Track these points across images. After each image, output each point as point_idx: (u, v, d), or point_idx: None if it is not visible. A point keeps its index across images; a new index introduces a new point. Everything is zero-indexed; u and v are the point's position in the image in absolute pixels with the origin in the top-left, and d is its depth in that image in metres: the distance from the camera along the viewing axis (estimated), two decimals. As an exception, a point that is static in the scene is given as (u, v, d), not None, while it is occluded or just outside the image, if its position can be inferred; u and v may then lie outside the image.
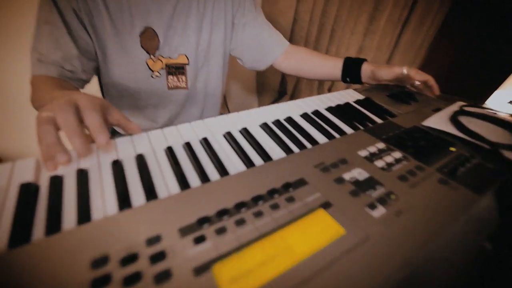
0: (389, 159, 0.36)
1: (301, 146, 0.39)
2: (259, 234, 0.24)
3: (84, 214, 0.26)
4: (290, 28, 1.33)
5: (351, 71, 0.68)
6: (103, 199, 0.28)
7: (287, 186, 0.30)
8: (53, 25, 0.52)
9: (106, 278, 0.19)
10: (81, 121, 0.32)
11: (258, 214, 0.26)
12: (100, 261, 0.20)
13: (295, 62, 0.76)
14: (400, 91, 0.61)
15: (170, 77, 0.70)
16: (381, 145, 0.39)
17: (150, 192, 0.29)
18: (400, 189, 0.31)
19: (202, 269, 0.21)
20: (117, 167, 0.31)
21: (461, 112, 0.50)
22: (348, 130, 0.45)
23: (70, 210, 0.26)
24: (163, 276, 0.20)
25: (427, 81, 0.60)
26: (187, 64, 0.70)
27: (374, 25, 1.66)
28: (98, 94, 0.72)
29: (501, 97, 1.60)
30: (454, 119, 0.48)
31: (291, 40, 1.40)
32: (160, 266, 0.20)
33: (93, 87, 0.67)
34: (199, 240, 0.23)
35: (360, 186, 0.31)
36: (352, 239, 0.24)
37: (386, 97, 0.59)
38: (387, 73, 0.62)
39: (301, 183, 0.30)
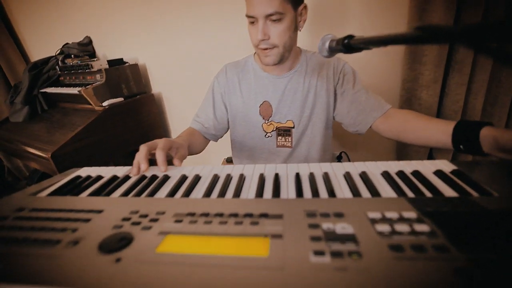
0: (402, 228, 0.30)
1: (316, 195, 0.41)
2: (210, 232, 0.32)
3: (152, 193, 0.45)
4: (436, 102, 1.18)
5: (466, 138, 0.54)
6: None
7: (262, 215, 0.35)
8: (207, 100, 0.90)
9: (128, 219, 0.35)
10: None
11: (222, 223, 0.33)
12: (135, 212, 0.37)
13: (395, 123, 0.71)
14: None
15: (279, 137, 0.88)
16: (410, 215, 0.32)
17: (188, 192, 0.44)
18: (376, 255, 0.26)
19: (163, 233, 0.32)
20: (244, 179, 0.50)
21: None
22: (386, 193, 0.40)
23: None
24: (147, 227, 0.33)
25: None
26: (293, 127, 0.86)
27: None
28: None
29: None
30: None
31: (440, 111, 1.21)
32: (152, 224, 0.34)
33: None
34: (178, 221, 0.34)
35: (329, 237, 0.29)
36: (269, 262, 0.26)
37: (506, 176, 0.43)
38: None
39: (278, 216, 0.34)
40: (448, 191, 0.39)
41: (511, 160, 0.47)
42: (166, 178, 0.52)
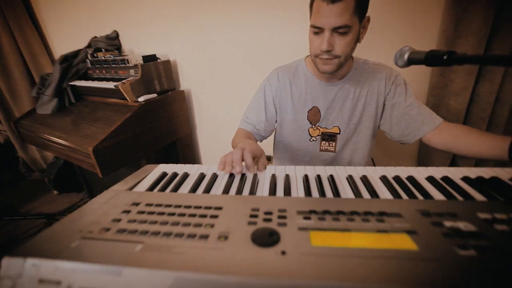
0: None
1: (413, 196, 0.45)
2: (345, 228, 0.35)
3: (252, 189, 0.48)
4: (464, 109, 1.24)
5: None
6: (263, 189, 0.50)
7: (382, 214, 0.38)
8: (258, 103, 0.92)
9: (256, 216, 0.39)
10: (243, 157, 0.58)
11: (350, 220, 0.37)
12: (256, 209, 0.40)
13: (447, 137, 0.76)
14: None
15: (323, 142, 0.92)
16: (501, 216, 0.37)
17: (286, 191, 0.48)
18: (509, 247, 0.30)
19: (303, 229, 0.35)
20: (273, 179, 0.54)
21: None
22: (480, 197, 0.44)
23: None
24: (282, 224, 0.36)
25: None
26: (338, 133, 0.90)
27: None
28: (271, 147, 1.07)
29: None
30: None
31: (467, 120, 1.27)
32: (284, 221, 0.37)
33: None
34: (306, 218, 0.38)
35: (459, 234, 0.33)
36: (422, 254, 0.30)
37: None
38: None
39: (396, 215, 0.38)
40: (534, 196, 0.44)
41: None
42: (255, 176, 0.55)
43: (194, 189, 0.51)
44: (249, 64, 1.47)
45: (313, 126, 0.91)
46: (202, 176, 0.56)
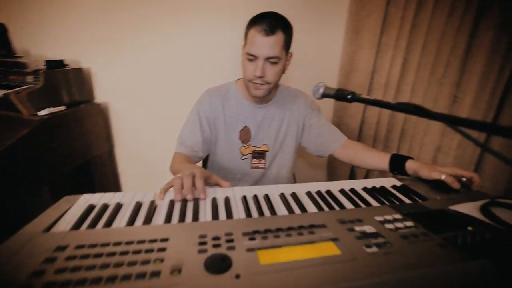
0: (399, 225, 0.47)
1: (331, 208, 0.55)
2: (286, 243, 0.41)
3: (195, 215, 0.49)
4: (358, 128, 1.56)
5: (397, 167, 0.81)
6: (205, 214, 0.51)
7: (312, 226, 0.46)
8: (193, 125, 0.93)
9: (205, 243, 0.40)
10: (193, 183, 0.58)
11: (288, 235, 0.43)
12: (203, 236, 0.42)
13: (350, 153, 0.95)
14: (443, 182, 0.69)
15: (254, 159, 1.00)
16: (398, 216, 0.51)
17: (229, 214, 0.51)
18: (398, 242, 0.42)
19: (251, 250, 0.39)
20: (213, 203, 0.56)
21: (492, 202, 0.55)
22: (374, 203, 0.58)
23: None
24: (231, 247, 0.39)
25: (471, 178, 0.67)
26: (267, 151, 0.99)
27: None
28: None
29: None
30: (484, 207, 0.54)
31: (360, 138, 1.61)
32: (232, 244, 0.40)
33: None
34: (251, 239, 0.42)
35: (365, 235, 0.44)
36: (344, 256, 0.38)
37: (428, 186, 0.69)
38: (426, 175, 0.70)
39: (322, 226, 0.46)
40: (405, 199, 0.61)
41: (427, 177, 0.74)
42: (196, 201, 0.56)
43: (131, 221, 0.48)
44: (178, 75, 1.44)
45: (245, 145, 0.98)
46: (138, 206, 0.53)
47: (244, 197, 0.58)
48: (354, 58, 1.44)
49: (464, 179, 0.69)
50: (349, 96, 0.59)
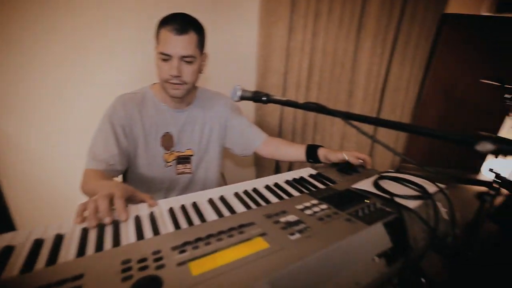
0: (316, 209, 0.54)
1: (258, 204, 0.59)
2: (217, 248, 0.41)
3: (116, 239, 0.45)
4: (278, 125, 1.69)
5: (312, 155, 0.92)
6: (127, 236, 0.47)
7: (241, 226, 0.48)
8: (106, 135, 0.82)
9: (129, 268, 0.37)
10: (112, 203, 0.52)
11: (219, 240, 0.44)
12: (127, 261, 0.38)
13: (271, 149, 1.02)
14: (346, 166, 0.82)
15: (179, 165, 0.96)
16: (315, 201, 0.58)
17: (155, 231, 0.48)
18: (316, 225, 0.48)
19: (182, 263, 0.38)
20: (137, 222, 0.51)
21: (380, 177, 0.69)
22: (295, 193, 0.65)
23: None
24: (160, 266, 0.37)
25: (363, 159, 0.82)
26: (192, 155, 0.97)
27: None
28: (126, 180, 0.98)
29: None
30: (375, 182, 0.67)
31: (280, 133, 1.74)
32: (161, 262, 0.38)
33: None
34: (182, 251, 0.41)
35: (289, 224, 0.48)
36: (272, 248, 0.41)
37: (336, 171, 0.80)
38: (334, 158, 0.85)
39: (251, 224, 0.49)
40: (320, 185, 0.70)
41: (336, 162, 0.86)
42: (116, 225, 0.50)
43: (29, 266, 0.39)
44: (78, 82, 1.24)
45: (168, 152, 0.93)
46: (38, 244, 0.44)
47: (171, 209, 0.55)
48: (267, 60, 1.55)
49: (360, 161, 0.84)
50: (264, 98, 0.63)
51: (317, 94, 1.80)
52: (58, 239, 0.45)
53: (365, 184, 0.67)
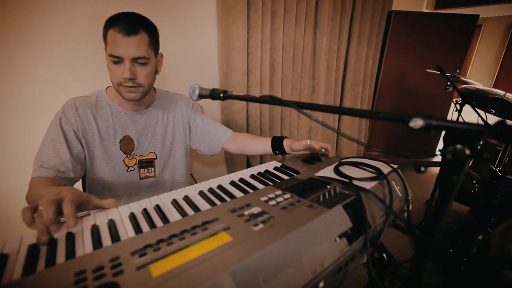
0: (280, 199, 0.55)
1: (223, 200, 0.58)
2: (180, 247, 0.40)
3: (70, 251, 0.42)
4: (245, 122, 1.70)
5: (277, 147, 0.94)
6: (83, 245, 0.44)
7: (205, 223, 0.47)
8: (56, 141, 0.76)
9: (83, 279, 0.35)
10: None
11: (182, 239, 0.43)
12: (81, 272, 0.36)
13: (238, 144, 1.03)
14: (310, 156, 0.86)
15: (142, 169, 0.92)
16: (278, 192, 0.59)
17: (114, 238, 0.46)
18: (279, 214, 0.49)
19: (142, 267, 0.36)
20: (95, 231, 0.48)
21: (340, 163, 0.73)
22: (260, 186, 0.65)
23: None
24: (118, 272, 0.35)
25: (325, 148, 0.86)
26: (155, 158, 0.94)
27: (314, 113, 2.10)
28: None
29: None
30: (335, 168, 0.70)
31: (248, 130, 1.75)
32: (120, 268, 0.36)
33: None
34: (142, 255, 0.39)
35: (253, 216, 0.49)
36: (235, 241, 0.41)
37: (301, 162, 0.83)
38: (298, 145, 0.88)
39: (215, 220, 0.48)
40: (284, 176, 0.72)
41: (300, 154, 0.90)
42: (71, 236, 0.47)
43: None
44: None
45: (128, 156, 0.89)
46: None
47: (132, 214, 0.53)
48: (229, 59, 1.55)
49: (323, 150, 0.87)
50: (221, 95, 0.63)
51: (281, 90, 1.84)
52: (2, 260, 0.41)
53: (327, 172, 0.70)
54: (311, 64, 1.94)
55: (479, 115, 1.45)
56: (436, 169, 2.03)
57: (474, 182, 1.82)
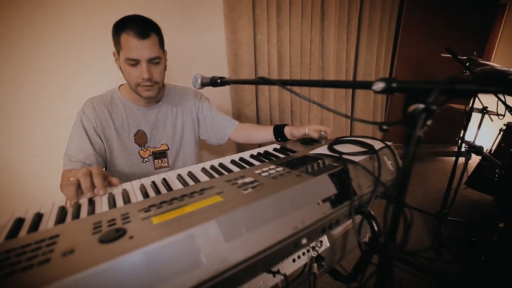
0: (272, 171, 0.61)
1: (221, 174, 0.65)
2: (178, 206, 0.48)
3: (91, 210, 0.50)
4: (255, 115, 1.76)
5: (279, 134, 0.99)
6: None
7: (202, 190, 0.54)
8: (80, 137, 0.87)
9: (99, 227, 0.43)
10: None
11: (181, 200, 0.50)
12: (98, 222, 0.44)
13: (243, 134, 1.09)
14: (310, 138, 0.90)
15: (156, 160, 1.01)
16: (272, 166, 0.64)
17: (127, 201, 0.54)
18: (268, 181, 0.55)
19: (145, 218, 0.44)
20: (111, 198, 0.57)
21: (335, 142, 0.77)
22: (257, 163, 0.71)
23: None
24: (126, 222, 0.43)
25: (324, 131, 0.90)
26: (168, 149, 1.03)
27: (325, 102, 2.12)
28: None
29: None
30: (329, 146, 0.74)
31: (259, 121, 1.81)
32: (128, 220, 0.44)
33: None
34: (147, 211, 0.47)
35: (244, 184, 0.55)
36: (225, 201, 0.48)
37: (300, 144, 0.88)
38: (298, 133, 0.92)
39: (211, 187, 0.55)
40: (282, 155, 0.77)
41: (300, 138, 0.94)
42: (92, 200, 0.56)
43: (12, 235, 0.45)
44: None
45: (143, 148, 0.98)
46: (19, 221, 0.49)
47: (142, 185, 0.61)
48: (237, 54, 1.62)
49: (323, 133, 0.91)
50: (218, 81, 0.70)
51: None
52: (38, 216, 0.51)
53: (321, 149, 0.74)
54: (320, 55, 1.95)
55: (499, 98, 1.38)
56: (453, 158, 1.96)
57: (496, 169, 1.74)
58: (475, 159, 1.84)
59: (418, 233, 1.76)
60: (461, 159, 2.68)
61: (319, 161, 0.65)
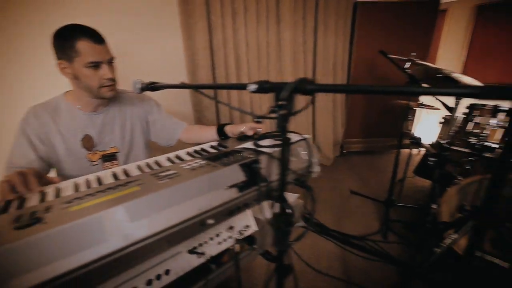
0: (195, 165, 0.69)
1: (152, 169, 0.73)
2: (99, 197, 0.55)
3: (20, 204, 0.56)
4: (215, 117, 1.84)
5: (222, 132, 1.08)
6: (33, 204, 0.58)
7: (127, 183, 0.61)
8: (22, 145, 0.91)
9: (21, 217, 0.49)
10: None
11: (104, 192, 0.57)
12: (21, 215, 0.50)
13: (191, 135, 1.17)
14: (245, 135, 0.99)
15: (106, 163, 1.06)
16: (197, 160, 0.73)
17: (58, 195, 0.60)
18: (185, 172, 0.63)
19: (64, 208, 0.51)
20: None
21: (261, 137, 0.87)
22: (188, 158, 0.80)
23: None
24: (47, 212, 0.50)
25: (260, 129, 1.00)
26: (118, 152, 1.08)
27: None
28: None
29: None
30: (255, 141, 0.84)
31: (220, 121, 1.90)
32: (46, 211, 0.50)
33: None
34: (68, 203, 0.53)
35: (166, 176, 0.63)
36: (141, 190, 0.55)
37: (236, 140, 0.97)
38: (236, 130, 1.01)
39: (136, 180, 0.62)
40: (214, 151, 0.86)
41: (239, 135, 1.03)
42: (22, 198, 0.61)
43: None
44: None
45: (90, 152, 1.03)
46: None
47: (75, 182, 0.68)
48: (194, 58, 1.69)
49: (259, 130, 1.01)
50: (151, 86, 0.77)
51: (249, 85, 1.98)
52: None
53: (248, 144, 0.84)
54: (277, 58, 2.07)
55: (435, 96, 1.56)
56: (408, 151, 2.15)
57: (429, 158, 1.94)
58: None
59: (369, 219, 1.92)
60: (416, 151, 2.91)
61: (238, 154, 0.74)
